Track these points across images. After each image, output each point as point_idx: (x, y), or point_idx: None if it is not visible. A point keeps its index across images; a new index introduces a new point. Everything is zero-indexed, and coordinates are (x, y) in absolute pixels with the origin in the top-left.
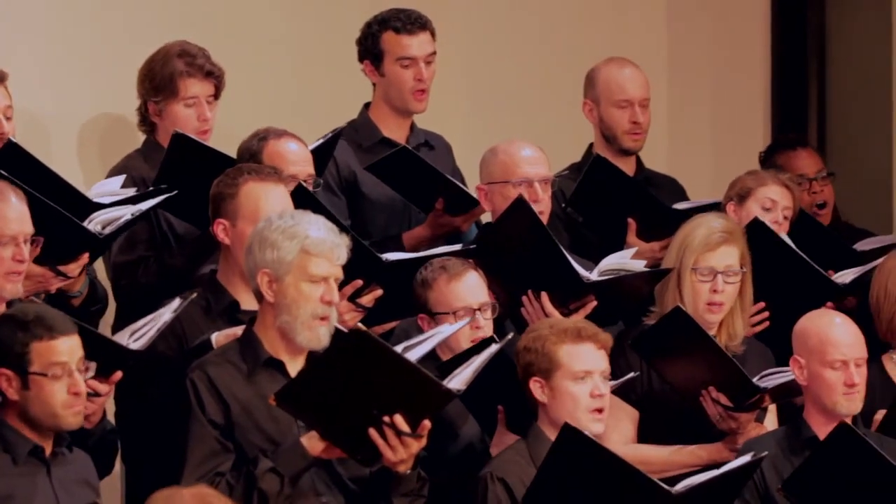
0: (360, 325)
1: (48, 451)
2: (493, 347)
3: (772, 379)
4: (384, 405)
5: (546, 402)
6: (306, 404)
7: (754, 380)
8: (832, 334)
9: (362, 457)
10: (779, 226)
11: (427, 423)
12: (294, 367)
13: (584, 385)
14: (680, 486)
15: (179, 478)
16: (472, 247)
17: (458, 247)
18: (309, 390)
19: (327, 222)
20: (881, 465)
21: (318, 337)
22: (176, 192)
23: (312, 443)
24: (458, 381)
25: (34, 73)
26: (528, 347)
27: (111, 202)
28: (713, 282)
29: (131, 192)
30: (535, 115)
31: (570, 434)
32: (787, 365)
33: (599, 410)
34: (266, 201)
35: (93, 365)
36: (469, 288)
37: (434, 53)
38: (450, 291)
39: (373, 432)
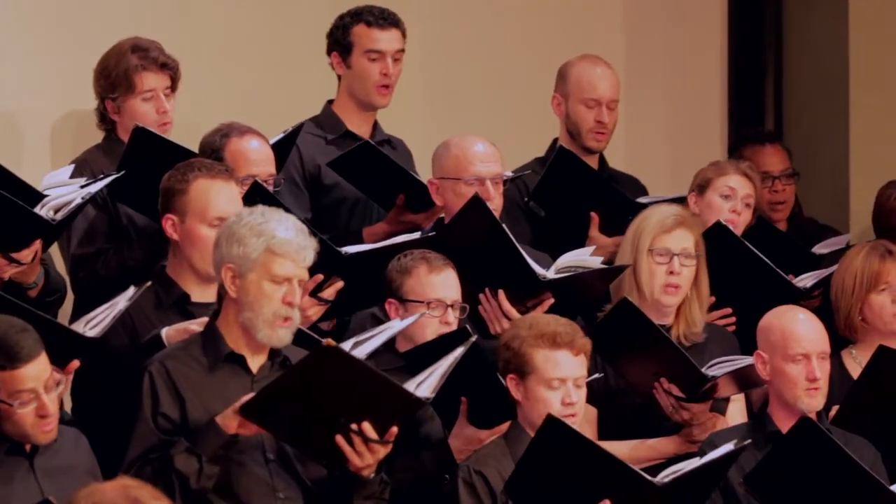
0: (331, 340)
1: (29, 445)
2: (459, 351)
3: (721, 367)
4: (352, 413)
5: (520, 401)
6: (272, 415)
7: (703, 369)
8: (795, 329)
9: (328, 461)
10: (738, 215)
11: (395, 430)
12: (255, 362)
13: (556, 392)
14: (663, 477)
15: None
16: (431, 234)
17: (416, 235)
18: (275, 402)
19: (298, 223)
20: (842, 459)
21: (279, 336)
22: (123, 173)
23: (227, 420)
24: (426, 387)
25: (2, 72)
26: (507, 345)
27: (58, 195)
28: (670, 263)
29: (81, 181)
30: (492, 114)
31: (553, 425)
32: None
33: (572, 416)
34: (216, 199)
35: (63, 378)
36: (446, 282)
37: (402, 51)
38: (428, 281)
39: (340, 439)
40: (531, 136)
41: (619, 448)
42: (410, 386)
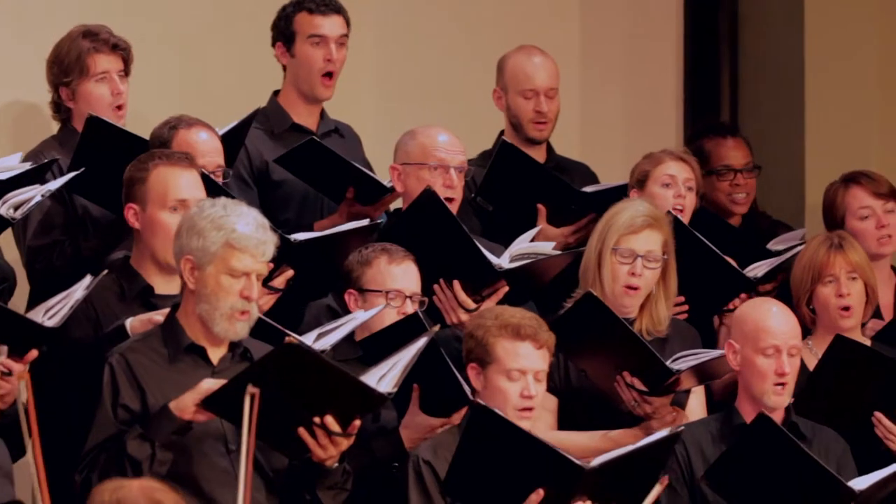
0: (293, 337)
1: None
2: (421, 343)
3: (685, 361)
4: (315, 407)
5: (479, 390)
6: (233, 408)
7: (667, 362)
8: (768, 322)
9: (290, 453)
10: (682, 199)
11: (357, 423)
12: (215, 353)
13: (515, 384)
14: (593, 461)
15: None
16: (379, 221)
17: (365, 221)
18: (238, 396)
19: (259, 218)
20: (799, 455)
21: (236, 330)
22: (83, 169)
23: (181, 406)
24: (388, 382)
25: None
26: (471, 334)
27: (7, 177)
28: (633, 265)
29: (27, 165)
30: (445, 105)
31: (481, 413)
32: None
33: (528, 409)
34: (175, 184)
35: (3, 349)
36: (406, 274)
37: (346, 37)
38: (388, 272)
39: (303, 432)
40: (484, 126)
41: (581, 440)
42: (373, 379)
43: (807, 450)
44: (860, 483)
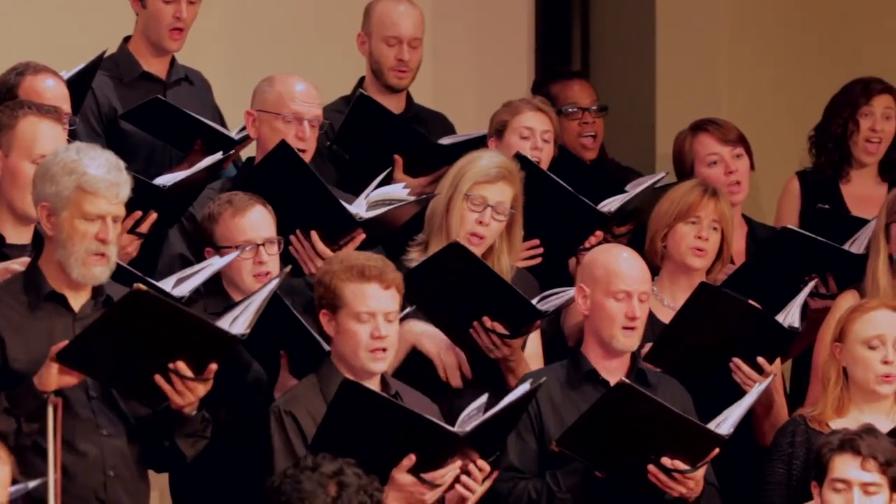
0: (140, 285)
1: None
2: (272, 284)
3: (550, 301)
4: (169, 354)
5: (333, 336)
6: (90, 360)
7: (534, 301)
8: (619, 266)
9: (149, 401)
10: (539, 151)
11: (213, 367)
12: (77, 301)
13: (365, 325)
14: (465, 427)
15: None
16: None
17: (219, 155)
18: (92, 347)
19: (112, 159)
20: (663, 413)
21: (94, 274)
22: None
23: (44, 380)
24: (241, 324)
25: None
26: (320, 281)
27: None
28: (482, 213)
29: None
30: (297, 50)
31: (349, 389)
32: None
33: (382, 350)
34: (42, 137)
35: None
36: (253, 223)
37: None
38: (235, 225)
39: (159, 379)
40: (340, 74)
41: None
42: (226, 322)
43: (672, 407)
44: (725, 427)
